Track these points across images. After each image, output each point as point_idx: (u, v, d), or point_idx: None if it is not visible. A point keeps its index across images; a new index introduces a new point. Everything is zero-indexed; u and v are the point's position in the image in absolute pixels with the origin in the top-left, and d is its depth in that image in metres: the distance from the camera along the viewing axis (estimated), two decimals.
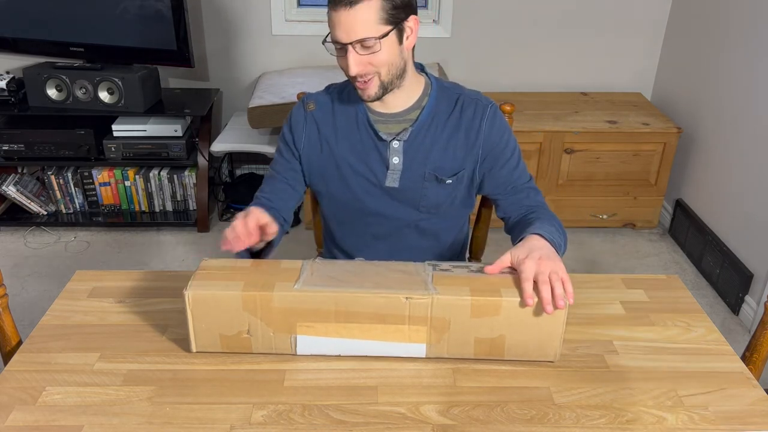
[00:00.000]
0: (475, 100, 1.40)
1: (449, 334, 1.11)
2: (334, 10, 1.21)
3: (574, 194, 2.94)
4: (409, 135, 1.37)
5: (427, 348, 1.13)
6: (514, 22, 3.08)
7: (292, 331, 1.12)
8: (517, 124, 2.70)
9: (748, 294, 2.44)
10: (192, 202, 3.07)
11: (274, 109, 2.65)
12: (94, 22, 2.73)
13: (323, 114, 1.41)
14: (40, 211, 3.03)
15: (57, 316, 1.26)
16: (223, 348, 1.15)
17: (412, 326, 1.10)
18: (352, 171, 1.40)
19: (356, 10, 1.19)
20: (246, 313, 1.10)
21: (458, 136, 1.38)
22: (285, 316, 1.10)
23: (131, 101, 2.76)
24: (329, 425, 1.02)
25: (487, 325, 1.10)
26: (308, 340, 1.13)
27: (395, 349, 1.13)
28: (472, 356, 1.14)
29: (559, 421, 1.03)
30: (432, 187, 1.40)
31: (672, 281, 1.40)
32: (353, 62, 1.24)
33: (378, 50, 1.23)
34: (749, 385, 1.11)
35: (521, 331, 1.10)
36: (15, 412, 1.03)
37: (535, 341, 1.11)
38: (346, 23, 1.21)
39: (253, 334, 1.12)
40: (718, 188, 2.68)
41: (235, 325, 1.12)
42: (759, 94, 2.40)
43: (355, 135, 1.39)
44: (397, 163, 1.38)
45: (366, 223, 1.47)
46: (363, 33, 1.21)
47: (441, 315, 1.09)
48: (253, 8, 3.03)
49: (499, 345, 1.12)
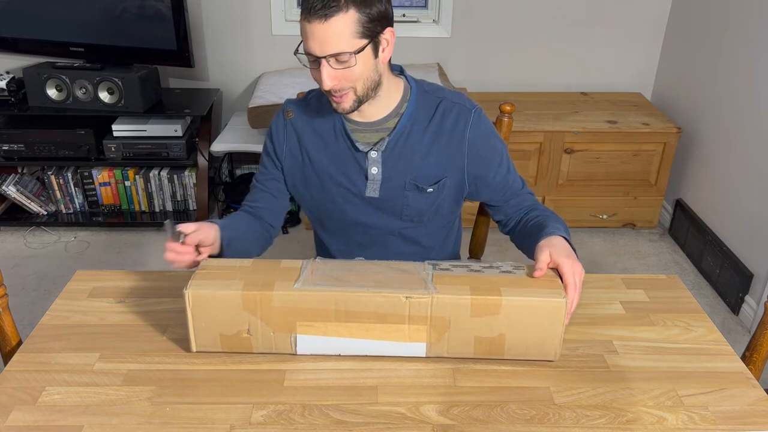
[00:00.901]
0: (458, 104, 1.36)
1: (449, 333, 1.11)
2: (307, 21, 1.16)
3: (574, 194, 2.94)
4: (387, 144, 1.34)
5: (427, 347, 1.13)
6: (514, 22, 3.08)
7: (292, 330, 1.12)
8: (517, 124, 2.71)
9: (748, 294, 2.44)
10: (192, 202, 3.07)
11: (274, 109, 2.65)
12: (94, 22, 2.73)
13: (302, 122, 1.39)
14: (40, 211, 3.03)
15: (57, 316, 1.26)
16: (223, 348, 1.15)
17: (412, 325, 1.10)
18: (332, 181, 1.38)
19: (330, 24, 1.14)
20: (246, 312, 1.10)
21: (440, 143, 1.35)
22: (285, 315, 1.10)
23: (131, 101, 2.76)
24: (329, 425, 1.02)
25: (487, 324, 1.10)
26: (308, 340, 1.13)
27: (395, 349, 1.13)
28: (472, 356, 1.14)
29: (559, 421, 1.03)
30: (413, 196, 1.38)
31: (672, 281, 1.40)
32: (327, 76, 1.20)
33: (353, 65, 1.19)
34: (749, 385, 1.11)
35: (521, 330, 1.10)
36: (15, 412, 1.03)
37: (535, 340, 1.11)
38: (320, 36, 1.16)
39: (253, 333, 1.12)
40: (718, 188, 2.68)
41: (235, 324, 1.12)
42: (759, 94, 2.40)
43: (334, 145, 1.37)
44: (376, 173, 1.35)
45: (350, 232, 1.45)
46: (337, 47, 1.17)
47: (441, 314, 1.09)
48: (253, 8, 3.03)
49: (499, 344, 1.12)
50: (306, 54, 1.21)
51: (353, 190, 1.38)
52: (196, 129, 2.97)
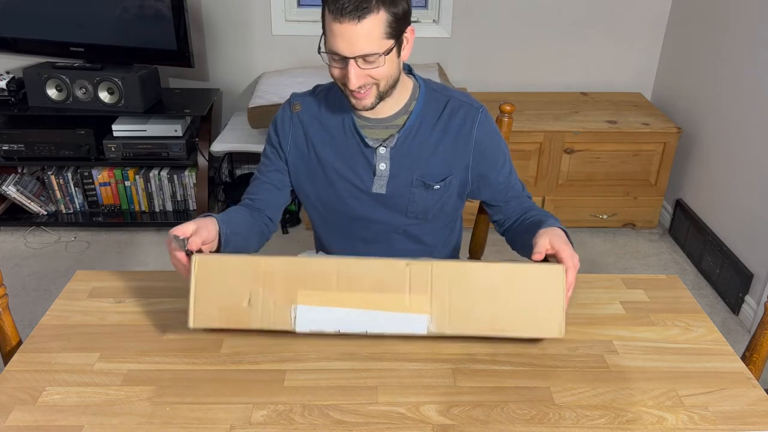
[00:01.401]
0: (465, 103, 1.37)
1: (450, 304, 1.12)
2: (338, 22, 1.15)
3: (574, 194, 2.94)
4: (396, 141, 1.35)
5: (428, 320, 1.12)
6: (514, 22, 3.08)
7: (293, 300, 1.12)
8: (517, 124, 2.71)
9: (748, 294, 2.44)
10: (192, 202, 3.07)
11: (274, 109, 2.65)
12: (94, 22, 2.73)
13: (309, 116, 1.39)
14: (40, 211, 3.03)
15: (57, 316, 1.26)
16: (221, 322, 1.14)
17: (413, 295, 1.12)
18: (338, 176, 1.39)
19: (363, 25, 1.14)
20: (249, 280, 1.12)
21: (447, 141, 1.36)
22: (287, 282, 1.12)
23: (131, 101, 2.76)
24: (329, 425, 1.02)
25: (488, 293, 1.12)
26: (309, 312, 1.12)
27: (396, 321, 1.13)
28: (474, 332, 1.14)
29: (559, 421, 1.03)
30: (420, 192, 1.39)
31: (672, 281, 1.40)
32: (355, 76, 1.20)
33: (381, 65, 1.20)
34: (749, 385, 1.11)
35: (522, 297, 1.12)
36: (15, 412, 1.03)
37: (538, 310, 1.12)
38: (351, 37, 1.15)
39: (253, 305, 1.13)
40: (718, 188, 2.68)
41: (237, 294, 1.13)
42: (759, 93, 2.40)
43: (342, 140, 1.37)
44: (384, 169, 1.36)
45: (353, 228, 1.45)
46: (368, 48, 1.17)
47: (441, 283, 1.12)
48: (253, 8, 3.03)
49: (501, 315, 1.12)
50: (330, 53, 1.20)
51: (360, 185, 1.39)
52: (196, 129, 2.97)
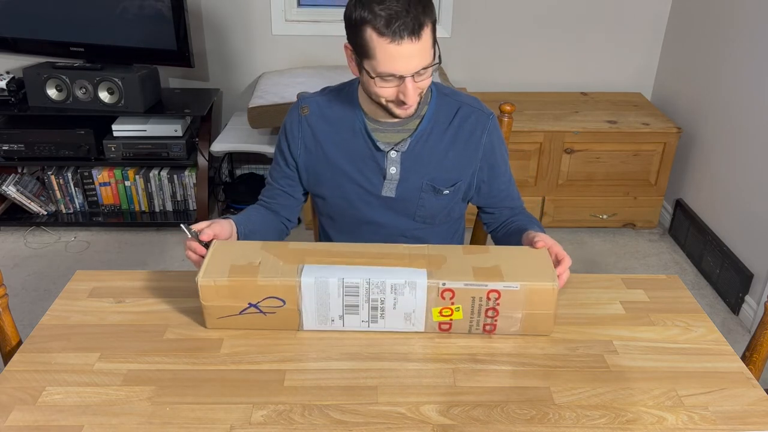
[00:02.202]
0: (476, 110, 1.38)
1: (447, 265, 1.18)
2: (395, 44, 1.12)
3: (574, 194, 2.94)
4: (408, 145, 1.35)
5: (428, 273, 1.15)
6: (513, 23, 3.08)
7: (301, 261, 1.18)
8: (517, 124, 2.71)
9: (748, 294, 2.44)
10: (192, 202, 3.07)
11: (274, 109, 2.65)
12: (94, 22, 2.73)
13: (318, 119, 1.38)
14: (40, 211, 3.03)
15: (57, 316, 1.26)
16: (230, 278, 1.14)
17: (412, 260, 1.19)
18: (347, 178, 1.39)
19: (421, 41, 1.13)
20: (263, 251, 1.21)
21: (457, 146, 1.36)
22: (297, 252, 1.20)
23: (131, 101, 2.76)
24: (329, 425, 1.02)
25: (481, 258, 1.20)
26: (314, 268, 1.16)
27: (398, 273, 1.15)
28: (474, 280, 1.15)
29: (559, 421, 1.03)
30: (428, 197, 1.39)
31: (672, 281, 1.40)
32: (414, 92, 1.19)
33: (431, 74, 1.20)
34: (749, 385, 1.11)
35: (515, 262, 1.19)
36: (15, 412, 1.03)
37: (530, 268, 1.18)
38: (410, 56, 1.14)
39: (263, 264, 1.17)
40: (718, 188, 2.68)
41: (249, 257, 1.19)
42: (759, 93, 2.40)
43: (352, 142, 1.36)
44: (395, 173, 1.36)
45: (361, 231, 1.46)
46: (425, 61, 1.16)
47: (437, 253, 1.21)
48: (253, 8, 3.03)
49: (496, 273, 1.16)
50: (383, 76, 1.17)
51: (369, 188, 1.39)
52: (196, 129, 2.97)
